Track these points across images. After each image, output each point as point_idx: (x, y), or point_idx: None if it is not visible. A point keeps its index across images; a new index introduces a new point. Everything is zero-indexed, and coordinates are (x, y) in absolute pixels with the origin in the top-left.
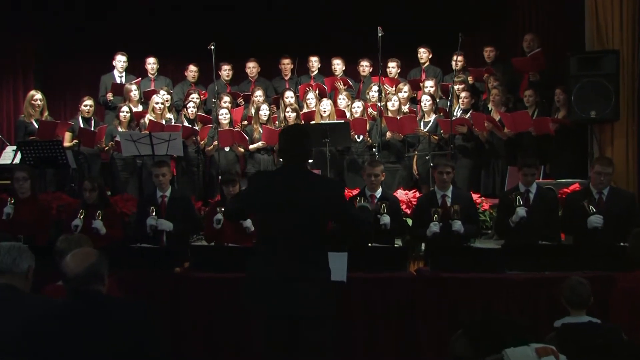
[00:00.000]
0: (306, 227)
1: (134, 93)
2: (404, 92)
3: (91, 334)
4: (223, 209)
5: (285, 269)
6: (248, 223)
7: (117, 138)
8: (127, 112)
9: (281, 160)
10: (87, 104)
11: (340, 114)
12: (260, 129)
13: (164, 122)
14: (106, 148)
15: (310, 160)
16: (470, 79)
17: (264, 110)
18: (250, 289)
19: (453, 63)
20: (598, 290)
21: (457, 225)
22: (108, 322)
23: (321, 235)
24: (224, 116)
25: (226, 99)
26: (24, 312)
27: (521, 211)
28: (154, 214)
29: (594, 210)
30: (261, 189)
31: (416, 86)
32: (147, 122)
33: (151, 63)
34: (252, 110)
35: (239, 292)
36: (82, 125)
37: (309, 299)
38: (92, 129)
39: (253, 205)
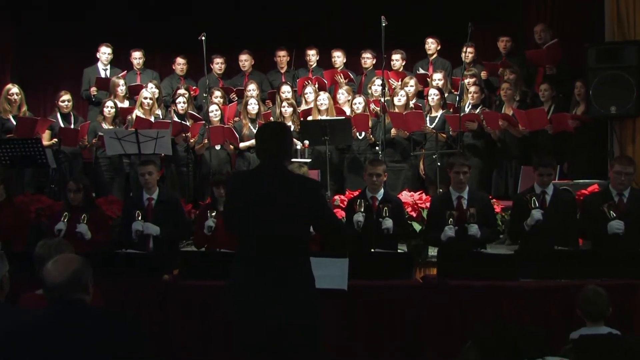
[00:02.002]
0: (284, 230)
1: (121, 88)
2: (411, 85)
3: (73, 347)
4: (214, 214)
5: (263, 276)
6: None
7: (102, 134)
8: (111, 107)
9: (259, 158)
10: (65, 99)
11: (340, 109)
12: (250, 124)
13: (152, 118)
14: (89, 145)
15: (302, 160)
16: (483, 73)
17: (252, 105)
18: (229, 298)
19: (463, 55)
20: (618, 300)
21: (474, 229)
22: (92, 334)
23: (302, 239)
24: (214, 113)
25: (217, 93)
26: None
27: (537, 214)
28: (140, 218)
29: (614, 215)
30: (237, 190)
31: (423, 80)
32: (134, 118)
33: (137, 58)
34: (241, 106)
35: None
36: (60, 122)
37: (289, 309)
38: (72, 125)
39: (233, 208)
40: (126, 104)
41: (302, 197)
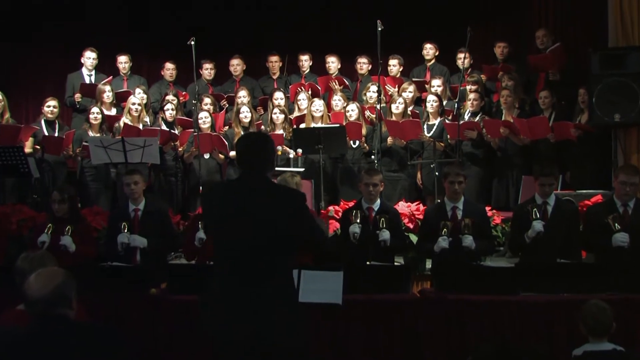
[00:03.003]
0: (265, 243)
1: (108, 94)
2: (409, 92)
3: None
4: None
5: (241, 290)
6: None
7: (87, 143)
8: (97, 113)
9: (239, 169)
10: (51, 105)
11: (336, 117)
12: (242, 133)
13: (140, 126)
14: (73, 155)
15: (294, 170)
16: (483, 77)
17: (245, 113)
18: (206, 314)
19: (459, 62)
20: (623, 315)
21: (468, 240)
22: (76, 351)
23: (282, 252)
24: (203, 120)
25: (207, 100)
26: None
27: (538, 225)
28: (126, 229)
29: (619, 227)
30: (214, 201)
31: (421, 87)
32: (122, 125)
33: (123, 62)
34: (232, 114)
35: None
36: (44, 129)
37: (268, 325)
38: (56, 133)
39: (210, 221)
40: (113, 111)
41: (282, 208)
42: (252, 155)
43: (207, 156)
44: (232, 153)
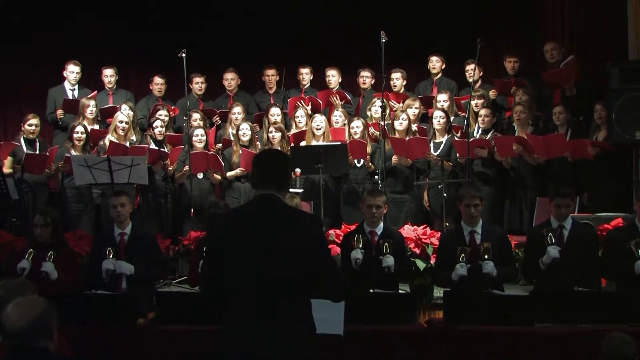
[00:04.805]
0: (281, 274)
1: (91, 110)
2: (415, 108)
3: None
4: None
5: (257, 328)
6: None
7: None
8: (82, 132)
9: (254, 190)
10: (32, 124)
11: (336, 133)
12: (240, 152)
13: (127, 144)
14: (53, 171)
15: (293, 190)
16: (492, 92)
17: (245, 130)
18: (222, 354)
19: (467, 74)
20: None
21: (489, 266)
22: None
23: (301, 284)
24: (199, 138)
25: (196, 116)
26: None
27: (553, 251)
28: (111, 255)
29: None
30: (226, 231)
31: (428, 103)
32: (107, 144)
33: (109, 76)
34: (230, 130)
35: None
36: (25, 147)
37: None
38: (37, 152)
39: (219, 254)
40: (96, 127)
41: (299, 236)
42: (268, 175)
43: (200, 176)
44: (229, 173)
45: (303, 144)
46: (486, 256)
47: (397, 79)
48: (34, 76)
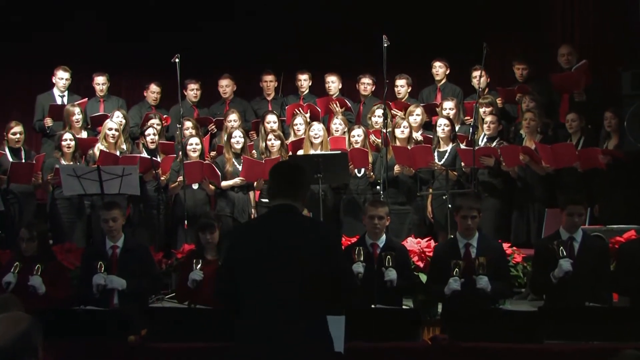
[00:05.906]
0: (299, 286)
1: (77, 117)
2: (417, 115)
3: None
4: (200, 265)
5: (274, 341)
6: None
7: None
8: (70, 139)
9: (268, 202)
10: (16, 132)
11: (335, 142)
12: (233, 160)
13: (118, 153)
14: (42, 183)
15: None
16: (498, 100)
17: (237, 138)
18: None
19: (474, 80)
20: None
21: (483, 282)
22: None
23: (320, 296)
24: (194, 147)
25: (188, 124)
26: None
27: (566, 264)
28: (102, 269)
29: None
30: (243, 241)
31: (431, 110)
32: (96, 153)
33: (100, 83)
34: (225, 138)
35: None
36: (10, 157)
37: None
38: (23, 161)
39: (235, 266)
40: (84, 135)
41: (315, 247)
42: (288, 187)
43: (195, 186)
44: (225, 183)
45: (301, 152)
46: (481, 271)
47: (402, 86)
48: (21, 82)
